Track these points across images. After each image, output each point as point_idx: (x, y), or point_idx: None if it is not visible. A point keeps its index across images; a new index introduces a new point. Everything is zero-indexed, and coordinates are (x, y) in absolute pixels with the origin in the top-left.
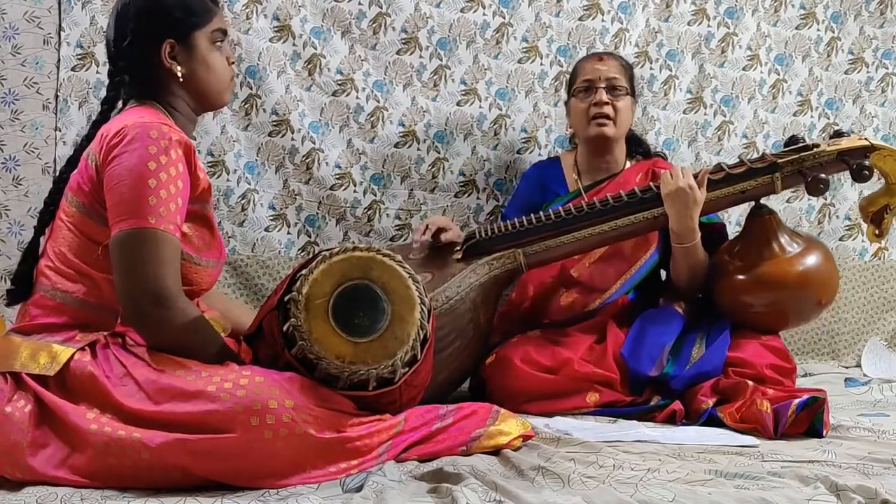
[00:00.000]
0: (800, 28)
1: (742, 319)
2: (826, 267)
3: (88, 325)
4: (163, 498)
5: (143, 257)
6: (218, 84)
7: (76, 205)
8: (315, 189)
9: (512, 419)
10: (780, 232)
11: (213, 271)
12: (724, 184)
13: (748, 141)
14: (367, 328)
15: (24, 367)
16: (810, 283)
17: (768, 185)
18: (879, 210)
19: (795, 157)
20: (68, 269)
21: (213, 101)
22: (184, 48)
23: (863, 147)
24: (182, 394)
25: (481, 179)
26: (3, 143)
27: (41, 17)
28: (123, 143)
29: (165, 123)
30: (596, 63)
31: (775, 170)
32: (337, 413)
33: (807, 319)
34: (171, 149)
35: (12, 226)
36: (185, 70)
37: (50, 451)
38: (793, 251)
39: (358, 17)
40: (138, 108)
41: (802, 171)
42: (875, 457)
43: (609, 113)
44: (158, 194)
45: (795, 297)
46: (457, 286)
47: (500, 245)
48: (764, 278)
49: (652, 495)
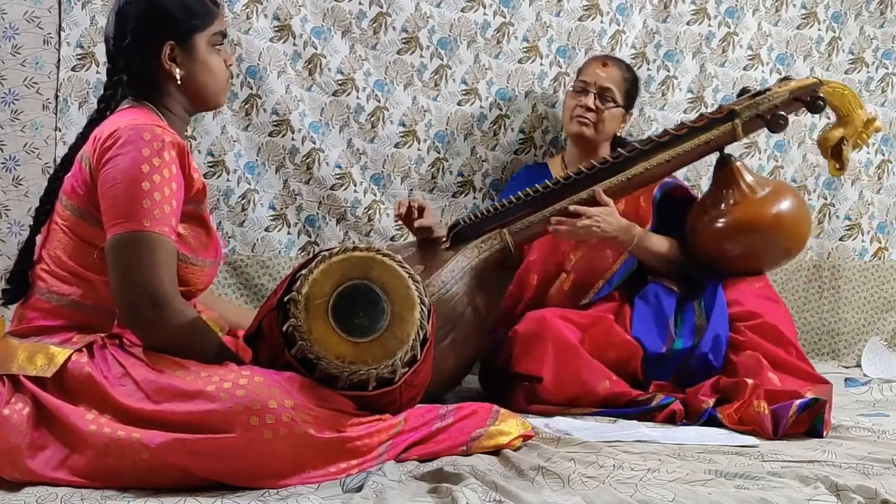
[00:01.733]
0: (801, 28)
1: (721, 267)
2: (798, 207)
3: (85, 327)
4: (163, 498)
5: (138, 260)
6: (216, 86)
7: (70, 208)
8: (315, 189)
9: (512, 419)
10: (747, 174)
11: (209, 271)
12: (687, 138)
13: (749, 141)
14: (367, 328)
15: (21, 369)
16: (782, 224)
17: (729, 133)
18: (836, 144)
19: (751, 102)
20: (64, 271)
21: (210, 103)
22: (183, 50)
23: (812, 83)
24: (181, 394)
25: (479, 180)
26: (3, 143)
27: (41, 17)
28: (117, 145)
29: (158, 125)
30: (598, 67)
31: (734, 117)
32: (337, 413)
33: (777, 262)
34: (164, 150)
35: (12, 226)
36: (183, 72)
37: (49, 453)
38: (763, 192)
39: (358, 16)
40: (131, 110)
41: (760, 114)
42: (875, 457)
43: (591, 117)
44: (153, 197)
45: (767, 238)
46: (450, 271)
47: (485, 227)
48: (737, 222)
49: (652, 495)
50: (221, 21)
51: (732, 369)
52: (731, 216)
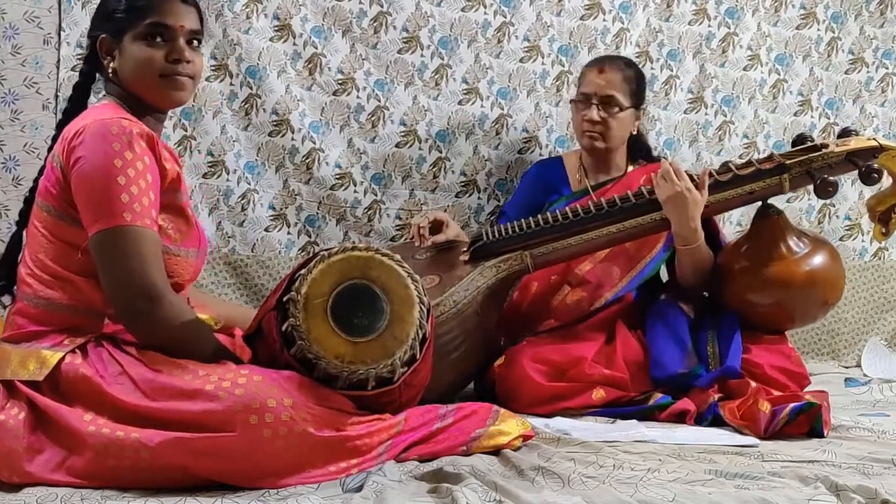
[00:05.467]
0: (800, 28)
1: (747, 317)
2: (832, 267)
3: (75, 330)
4: (163, 498)
5: (125, 255)
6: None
7: (46, 209)
8: (315, 189)
9: (512, 419)
10: (788, 232)
11: (194, 261)
12: (731, 185)
13: (749, 141)
14: (366, 328)
15: (14, 374)
16: (816, 284)
17: (776, 186)
18: (887, 210)
19: (804, 158)
20: (47, 275)
21: (145, 99)
22: (114, 45)
23: (871, 148)
24: (180, 392)
25: (482, 179)
26: (3, 143)
27: (41, 17)
28: (85, 141)
29: (125, 118)
30: (596, 76)
31: (784, 171)
32: (336, 412)
33: (813, 319)
34: (134, 142)
35: (12, 226)
36: (115, 65)
37: (46, 456)
38: (800, 252)
39: (359, 16)
40: (99, 106)
41: (811, 171)
42: (875, 457)
43: (598, 129)
44: (130, 191)
45: (801, 297)
46: (464, 290)
47: (508, 247)
48: (771, 279)
49: (652, 495)
50: (167, 13)
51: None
52: (767, 271)
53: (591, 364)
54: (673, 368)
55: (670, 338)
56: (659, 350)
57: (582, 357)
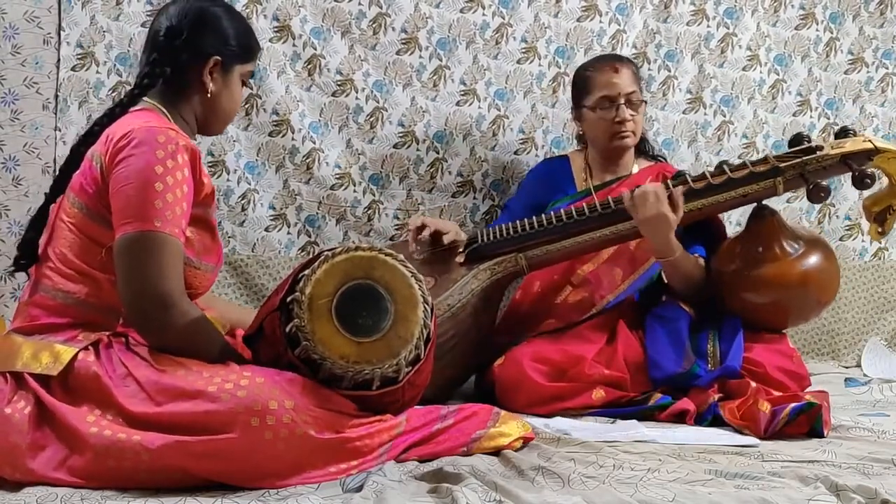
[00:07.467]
0: (799, 28)
1: (743, 316)
2: (827, 267)
3: (90, 325)
4: (163, 498)
5: (147, 260)
6: (228, 115)
7: (78, 205)
8: (315, 189)
9: (512, 421)
10: (783, 233)
11: (210, 275)
12: (725, 188)
13: (748, 141)
14: (371, 328)
15: (25, 366)
16: (811, 284)
17: (770, 189)
18: (883, 210)
19: (798, 161)
20: (70, 269)
21: (213, 127)
22: (223, 71)
23: (867, 150)
24: (183, 394)
25: (478, 180)
26: (3, 143)
27: (41, 16)
28: (130, 146)
29: (172, 128)
30: (613, 76)
31: (777, 174)
32: (337, 414)
33: (807, 318)
34: (178, 153)
35: (12, 226)
36: (214, 89)
37: (49, 453)
38: (794, 253)
39: (358, 17)
40: (144, 112)
41: (805, 175)
42: (875, 457)
43: (630, 127)
44: (164, 198)
45: (796, 297)
46: (458, 293)
47: (502, 249)
48: (765, 279)
49: (652, 495)
50: (255, 64)
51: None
52: (761, 272)
53: (591, 364)
54: (670, 369)
55: (668, 338)
56: (656, 351)
57: (582, 357)
